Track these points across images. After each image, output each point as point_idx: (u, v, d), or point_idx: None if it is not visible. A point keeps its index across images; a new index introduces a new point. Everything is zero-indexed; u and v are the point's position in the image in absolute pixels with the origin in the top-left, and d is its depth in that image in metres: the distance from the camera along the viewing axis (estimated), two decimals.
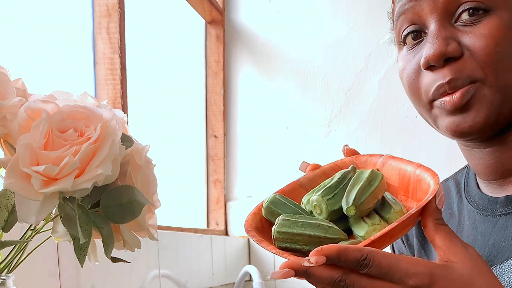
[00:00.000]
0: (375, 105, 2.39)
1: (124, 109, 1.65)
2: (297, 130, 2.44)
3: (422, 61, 0.77)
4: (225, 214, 2.46)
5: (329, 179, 0.71)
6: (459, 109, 0.75)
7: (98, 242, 0.63)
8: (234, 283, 2.04)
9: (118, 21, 1.64)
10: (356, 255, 0.58)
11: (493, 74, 0.74)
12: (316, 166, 0.77)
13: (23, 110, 0.58)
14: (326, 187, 0.69)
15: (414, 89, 0.80)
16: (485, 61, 0.74)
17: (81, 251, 0.59)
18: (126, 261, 0.65)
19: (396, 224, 0.60)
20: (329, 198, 0.68)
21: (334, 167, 0.77)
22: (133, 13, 1.77)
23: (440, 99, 0.77)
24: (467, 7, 0.75)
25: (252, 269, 1.79)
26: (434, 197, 0.63)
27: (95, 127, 0.58)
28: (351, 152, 0.77)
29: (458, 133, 0.77)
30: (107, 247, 0.61)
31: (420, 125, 2.25)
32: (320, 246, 0.58)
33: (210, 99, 2.49)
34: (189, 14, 2.35)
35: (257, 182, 2.45)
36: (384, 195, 0.69)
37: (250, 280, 2.03)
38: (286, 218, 0.66)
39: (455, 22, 0.77)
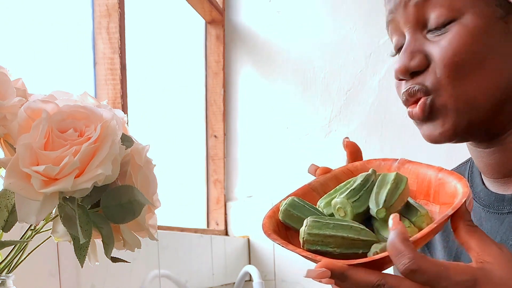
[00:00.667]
0: (375, 105, 2.39)
1: (124, 109, 1.65)
2: (297, 130, 2.44)
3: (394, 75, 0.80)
4: (225, 214, 2.45)
5: (351, 181, 0.69)
6: (425, 119, 0.78)
7: (98, 242, 0.63)
8: (234, 283, 2.04)
9: (118, 21, 1.64)
10: (408, 249, 0.57)
11: (450, 83, 0.75)
12: (327, 170, 0.76)
13: (23, 110, 0.58)
14: (350, 189, 0.66)
15: (399, 95, 0.82)
16: (443, 71, 0.75)
17: (81, 251, 0.59)
18: (126, 261, 0.65)
19: (436, 225, 0.59)
20: (355, 201, 0.65)
21: (346, 171, 0.75)
22: (133, 13, 1.77)
23: (408, 110, 0.80)
24: (434, 18, 0.76)
25: (252, 269, 1.78)
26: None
27: (95, 127, 0.58)
28: (351, 145, 0.77)
29: (432, 141, 0.80)
30: (107, 247, 0.61)
31: None
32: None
33: (210, 99, 2.49)
34: (189, 14, 2.35)
35: (257, 182, 2.45)
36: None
37: (250, 280, 2.03)
38: (316, 219, 0.63)
39: (428, 32, 0.78)
